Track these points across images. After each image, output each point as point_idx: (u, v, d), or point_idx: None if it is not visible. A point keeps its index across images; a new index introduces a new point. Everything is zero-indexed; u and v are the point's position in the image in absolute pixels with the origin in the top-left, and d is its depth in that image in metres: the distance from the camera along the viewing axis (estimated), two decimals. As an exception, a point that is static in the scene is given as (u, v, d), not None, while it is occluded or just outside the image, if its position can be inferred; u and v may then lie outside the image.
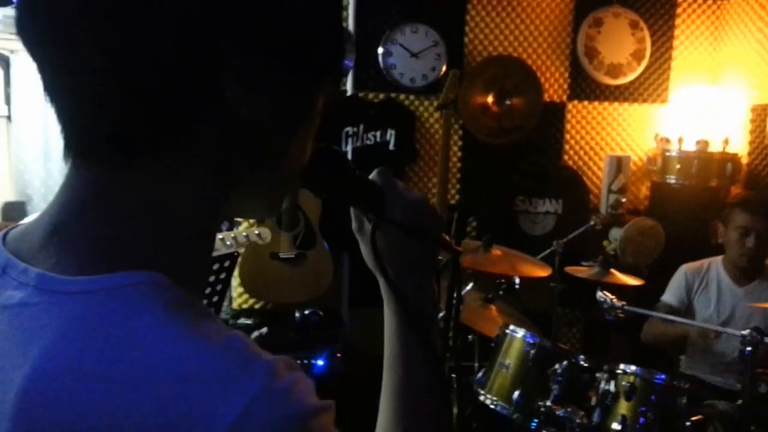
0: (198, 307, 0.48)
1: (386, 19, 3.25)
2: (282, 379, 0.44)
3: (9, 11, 3.90)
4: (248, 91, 0.48)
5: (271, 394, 0.42)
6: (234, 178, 0.53)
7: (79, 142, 0.50)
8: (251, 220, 3.11)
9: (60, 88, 0.49)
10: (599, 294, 2.05)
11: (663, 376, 1.94)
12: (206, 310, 0.50)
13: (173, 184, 0.50)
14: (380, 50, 3.25)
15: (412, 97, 3.34)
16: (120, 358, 0.43)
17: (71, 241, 0.49)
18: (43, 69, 0.49)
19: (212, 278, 2.24)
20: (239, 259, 2.96)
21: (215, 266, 2.21)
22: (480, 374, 2.29)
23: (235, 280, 3.19)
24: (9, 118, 7.09)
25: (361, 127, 3.29)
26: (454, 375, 2.71)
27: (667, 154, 3.35)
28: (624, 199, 3.29)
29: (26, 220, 0.56)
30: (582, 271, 2.50)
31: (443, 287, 0.80)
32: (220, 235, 2.76)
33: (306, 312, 3.10)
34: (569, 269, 2.63)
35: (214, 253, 2.46)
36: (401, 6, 3.25)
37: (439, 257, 0.74)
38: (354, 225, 0.73)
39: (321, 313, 3.16)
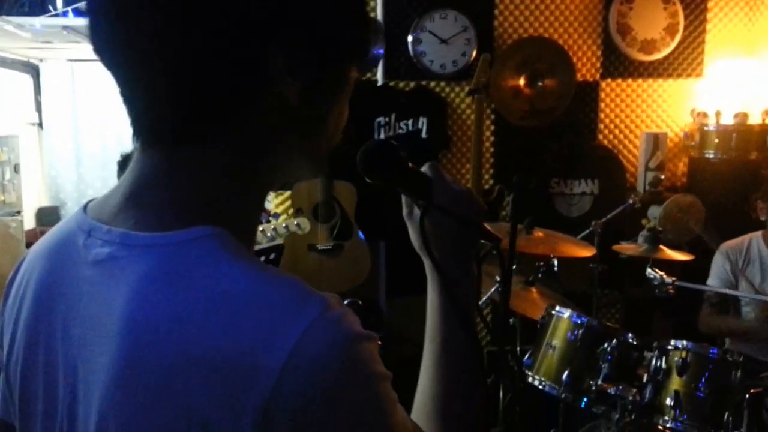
0: (254, 255, 0.59)
1: (414, 7, 3.25)
2: (334, 309, 0.52)
3: (37, 20, 3.97)
4: (296, 81, 0.57)
5: (325, 321, 0.51)
6: (285, 151, 0.62)
7: (149, 131, 0.59)
8: (290, 212, 3.15)
9: (135, 88, 0.58)
10: (649, 271, 2.04)
11: (716, 350, 1.93)
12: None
13: (232, 161, 0.59)
14: (410, 38, 3.25)
15: (443, 83, 3.33)
16: (202, 294, 0.52)
17: (146, 206, 0.58)
18: (118, 75, 0.58)
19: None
20: (280, 252, 3.00)
21: (261, 258, 2.24)
22: (526, 356, 2.29)
23: (276, 273, 3.23)
24: (40, 125, 7.22)
25: (393, 116, 3.30)
26: (498, 357, 2.72)
27: (705, 128, 3.29)
28: (663, 176, 3.25)
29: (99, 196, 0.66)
30: (631, 248, 2.49)
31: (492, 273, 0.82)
32: (261, 228, 2.80)
33: (345, 302, 3.12)
34: (617, 247, 2.61)
35: (259, 246, 2.50)
36: (429, -8, 3.25)
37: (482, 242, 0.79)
38: (405, 211, 0.79)
39: (360, 302, 3.19)
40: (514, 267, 2.58)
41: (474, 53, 3.28)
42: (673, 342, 2.00)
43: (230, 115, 0.57)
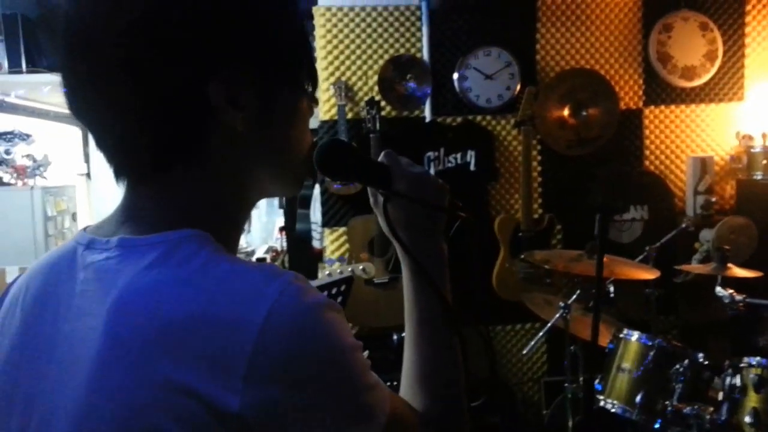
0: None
1: (459, 46, 3.36)
2: (298, 282, 0.60)
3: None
4: (238, 110, 0.65)
5: (297, 286, 0.59)
6: (248, 171, 0.69)
7: (129, 171, 0.68)
8: (351, 256, 3.23)
9: (108, 137, 0.67)
10: (718, 289, 2.07)
11: (792, 366, 1.94)
12: None
13: (202, 185, 0.67)
14: (455, 76, 3.36)
15: (489, 117, 3.42)
16: (187, 278, 0.59)
17: (139, 222, 0.66)
18: (94, 130, 0.67)
19: (329, 302, 2.33)
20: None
21: (333, 290, 2.31)
22: (597, 381, 2.31)
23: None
24: (89, 175, 7.46)
25: (442, 150, 3.38)
26: (567, 384, 2.74)
27: (752, 150, 3.33)
28: (714, 199, 3.27)
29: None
30: (699, 268, 2.52)
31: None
32: (326, 271, 2.88)
33: (402, 335, 3.18)
34: (686, 267, 2.65)
35: (329, 280, 2.55)
36: (473, 32, 3.36)
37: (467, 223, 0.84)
38: (371, 201, 0.85)
39: None
40: (577, 293, 2.62)
41: (518, 87, 3.37)
42: (746, 359, 2.02)
43: (191, 146, 0.65)
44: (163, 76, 0.62)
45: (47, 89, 4.15)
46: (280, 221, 4.95)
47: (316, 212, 3.52)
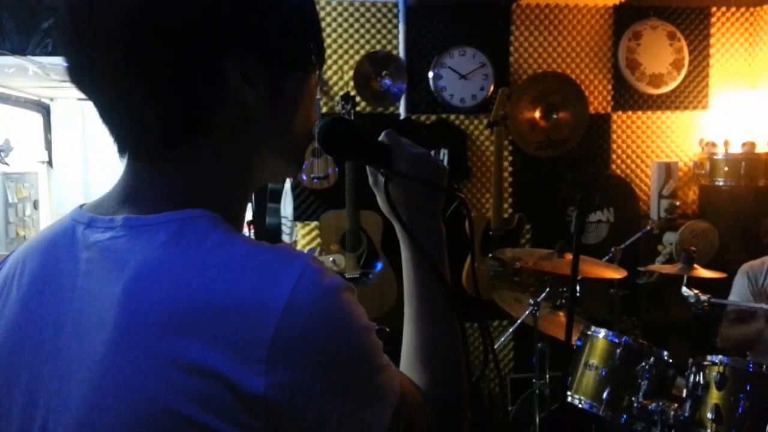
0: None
1: (435, 45, 3.39)
2: (315, 264, 0.60)
3: (49, 59, 4.06)
4: (250, 87, 0.65)
5: (313, 270, 0.59)
6: (256, 150, 0.69)
7: (135, 145, 0.66)
8: (324, 250, 3.22)
9: (115, 109, 0.65)
10: (684, 289, 2.14)
11: (752, 363, 2.01)
12: None
13: (210, 162, 0.66)
14: (430, 74, 3.39)
15: (462, 116, 3.46)
16: (204, 259, 0.58)
17: (143, 200, 0.64)
18: (97, 100, 0.65)
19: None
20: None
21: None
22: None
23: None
24: (50, 163, 7.26)
25: (415, 148, 3.40)
26: (534, 381, 2.79)
27: (715, 157, 3.44)
28: (677, 203, 3.37)
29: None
30: (666, 268, 2.59)
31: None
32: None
33: (375, 328, 3.19)
34: (653, 267, 2.72)
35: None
36: (449, 31, 3.40)
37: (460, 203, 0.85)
38: (370, 180, 0.86)
39: (387, 329, 3.25)
40: (547, 291, 2.67)
41: (491, 88, 3.42)
42: (709, 358, 2.08)
43: (201, 122, 0.64)
44: (179, 52, 0.61)
45: (11, 71, 4.02)
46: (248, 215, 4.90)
47: (286, 206, 3.50)
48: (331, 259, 2.80)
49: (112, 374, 0.57)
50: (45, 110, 6.96)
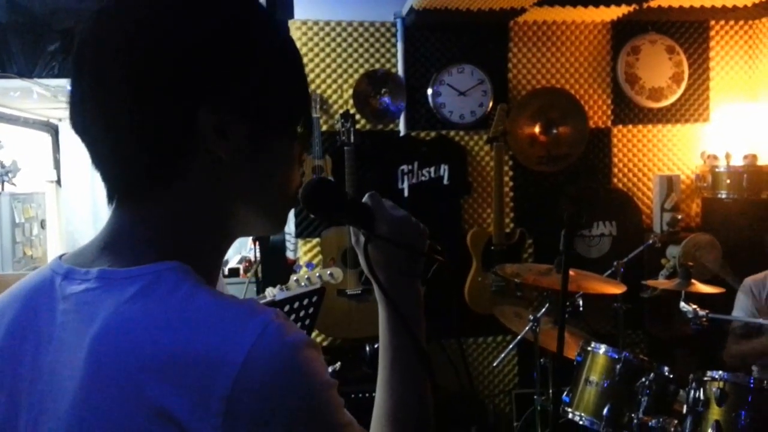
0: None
1: (433, 62, 3.42)
2: (278, 320, 0.60)
3: (55, 82, 4.12)
4: (224, 141, 0.65)
5: (277, 324, 0.59)
6: (230, 204, 0.69)
7: (119, 191, 0.68)
8: (324, 264, 3.23)
9: (103, 156, 0.67)
10: (682, 304, 2.13)
11: (753, 379, 2.00)
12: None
13: (184, 210, 0.67)
14: (429, 91, 3.41)
15: (462, 132, 3.47)
16: (170, 311, 0.60)
17: (119, 251, 0.66)
18: (91, 148, 0.67)
19: (301, 313, 2.34)
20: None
21: (304, 302, 2.32)
22: (564, 393, 2.35)
23: (306, 320, 3.28)
24: (59, 182, 7.34)
25: (416, 164, 3.42)
26: (537, 397, 2.77)
27: (717, 170, 3.43)
28: (680, 216, 3.36)
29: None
30: (665, 283, 2.58)
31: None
32: (294, 277, 2.88)
33: (375, 346, 3.18)
34: (652, 282, 2.70)
35: (297, 291, 2.56)
36: (447, 49, 3.43)
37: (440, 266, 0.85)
38: (353, 239, 0.87)
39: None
40: (546, 306, 2.66)
41: (491, 104, 3.44)
42: (709, 373, 2.07)
43: (176, 171, 0.65)
44: (156, 98, 0.63)
45: (17, 95, 4.09)
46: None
47: (290, 223, 3.52)
48: (328, 272, 2.81)
49: (79, 422, 0.59)
50: (53, 131, 7.06)
